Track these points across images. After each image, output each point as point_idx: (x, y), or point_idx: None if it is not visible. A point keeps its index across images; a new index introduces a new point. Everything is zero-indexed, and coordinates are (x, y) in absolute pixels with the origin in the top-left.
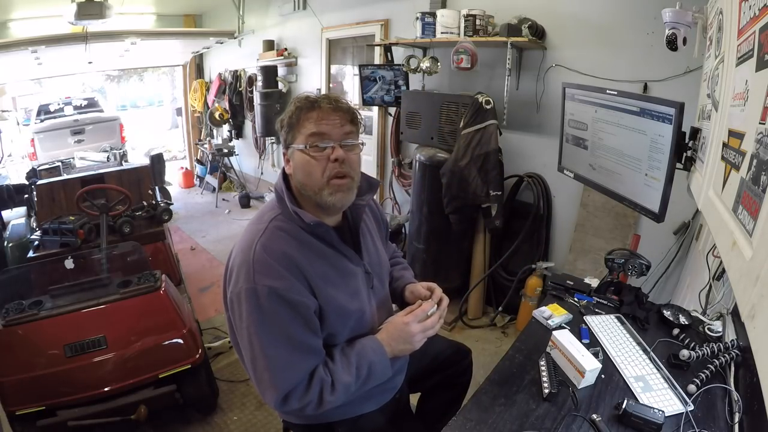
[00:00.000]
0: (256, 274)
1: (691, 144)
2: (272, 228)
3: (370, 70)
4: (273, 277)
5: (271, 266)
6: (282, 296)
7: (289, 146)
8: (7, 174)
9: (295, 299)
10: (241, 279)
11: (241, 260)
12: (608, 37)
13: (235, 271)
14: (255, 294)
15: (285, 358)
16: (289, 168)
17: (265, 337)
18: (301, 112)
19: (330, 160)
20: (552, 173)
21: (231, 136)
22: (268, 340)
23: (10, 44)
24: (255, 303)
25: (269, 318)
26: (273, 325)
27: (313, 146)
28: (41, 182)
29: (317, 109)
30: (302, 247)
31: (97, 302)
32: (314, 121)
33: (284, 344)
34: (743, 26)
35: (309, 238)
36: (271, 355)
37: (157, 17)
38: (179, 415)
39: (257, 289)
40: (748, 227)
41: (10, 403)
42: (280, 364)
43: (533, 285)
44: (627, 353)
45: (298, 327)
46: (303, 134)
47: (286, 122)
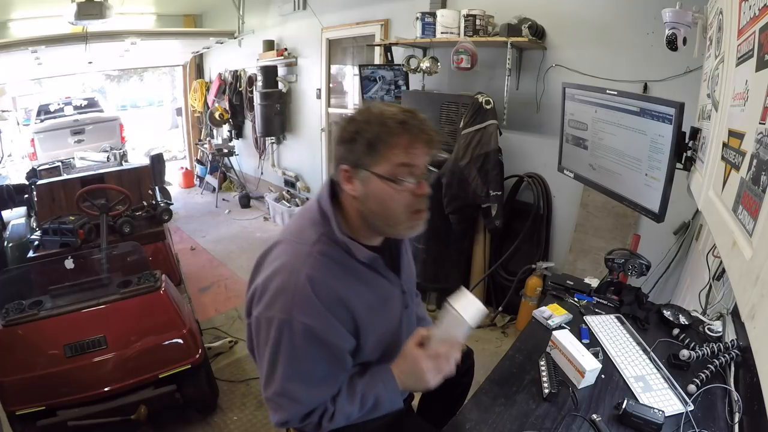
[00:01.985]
0: (295, 308)
1: (691, 144)
2: (317, 255)
3: (370, 70)
4: (313, 316)
5: (312, 304)
6: (318, 336)
7: (361, 167)
8: (7, 174)
9: (331, 341)
10: (277, 306)
11: (281, 285)
12: (608, 37)
13: (271, 293)
14: (290, 328)
15: (300, 393)
16: (354, 190)
17: (287, 370)
18: (389, 134)
19: (415, 195)
20: (552, 173)
21: (231, 136)
22: (290, 374)
23: (10, 44)
24: (287, 336)
25: (299, 354)
26: (300, 362)
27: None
28: (41, 182)
29: (407, 133)
30: (347, 276)
31: (97, 302)
32: (404, 149)
33: (305, 381)
34: (743, 26)
35: (355, 265)
36: (288, 387)
37: (157, 17)
38: (179, 415)
39: (293, 325)
40: (748, 227)
41: (10, 403)
42: (294, 396)
43: (533, 285)
44: (627, 353)
45: (325, 366)
46: (390, 162)
47: (361, 141)
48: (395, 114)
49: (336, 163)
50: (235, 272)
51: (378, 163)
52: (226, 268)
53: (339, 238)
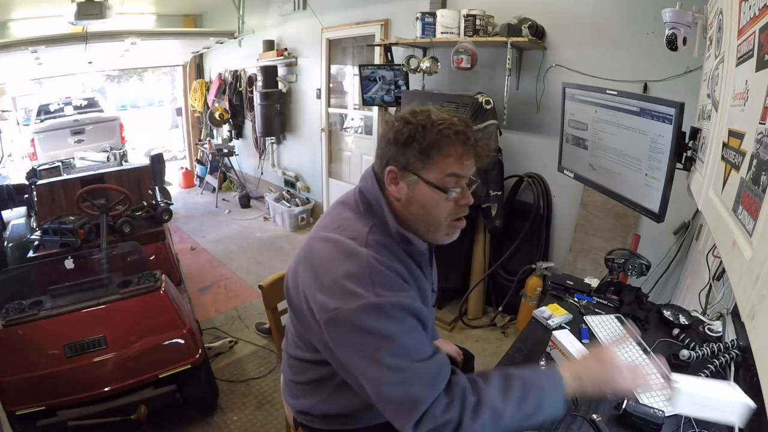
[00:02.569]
0: (376, 286)
1: (691, 144)
2: (373, 243)
3: (370, 70)
4: (394, 288)
5: (390, 278)
6: (407, 306)
7: (410, 171)
8: (7, 174)
9: (418, 306)
10: (356, 293)
11: (349, 271)
12: (608, 37)
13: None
14: (381, 308)
15: (419, 370)
16: (398, 192)
17: (395, 350)
18: (445, 144)
19: (458, 204)
20: (552, 173)
21: (231, 136)
22: (399, 353)
23: (10, 44)
24: (381, 316)
25: (399, 330)
26: (403, 337)
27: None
28: (41, 182)
29: (462, 144)
30: (403, 267)
31: (97, 302)
32: (457, 159)
33: (416, 355)
34: (743, 26)
35: (406, 258)
36: (404, 366)
37: (157, 17)
38: (179, 415)
39: (382, 303)
40: (748, 227)
41: (10, 403)
42: (416, 376)
43: (533, 285)
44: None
45: (424, 335)
46: (441, 170)
47: (417, 145)
48: (453, 123)
49: (383, 163)
50: (235, 272)
51: (429, 170)
52: (226, 268)
53: (393, 229)
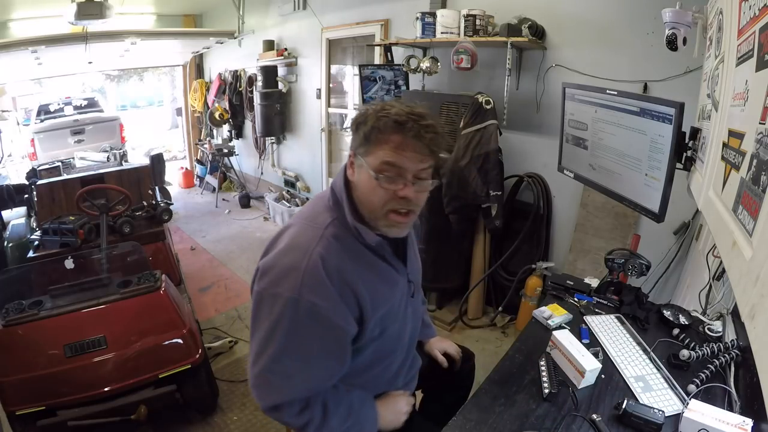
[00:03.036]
0: (304, 286)
1: (691, 144)
2: (329, 236)
3: (370, 70)
4: (322, 295)
5: (322, 283)
6: (324, 316)
7: (358, 155)
8: (7, 174)
9: (335, 322)
10: (285, 283)
11: (291, 263)
12: (608, 37)
13: (278, 270)
14: (296, 305)
15: (294, 371)
16: (353, 174)
17: (285, 345)
18: (382, 131)
19: (395, 196)
20: (552, 173)
21: (231, 136)
22: (286, 349)
23: (10, 44)
24: (293, 313)
25: (299, 330)
26: (298, 338)
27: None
28: (41, 182)
29: (400, 133)
30: (356, 260)
31: (97, 302)
32: (392, 148)
33: (300, 360)
34: (743, 26)
35: (364, 250)
36: (285, 364)
37: (157, 17)
38: (179, 415)
39: (300, 303)
40: (748, 227)
41: (10, 403)
42: (288, 374)
43: (533, 285)
44: (627, 353)
45: (324, 349)
46: (377, 157)
47: (362, 130)
48: (398, 113)
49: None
50: (235, 272)
51: (368, 155)
52: (226, 268)
53: (350, 222)
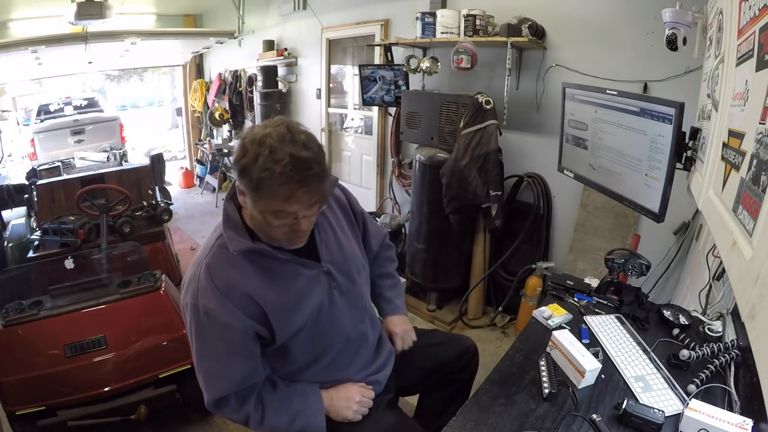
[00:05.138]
0: (199, 293)
1: (691, 144)
2: (217, 246)
3: (370, 70)
4: (209, 298)
5: (209, 287)
6: (215, 317)
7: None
8: (7, 174)
9: (225, 321)
10: (189, 292)
11: (191, 275)
12: (608, 37)
13: (187, 282)
14: (196, 310)
15: (214, 370)
16: (245, 203)
17: (200, 348)
18: (269, 186)
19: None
20: (552, 173)
21: (231, 136)
22: (202, 351)
23: (10, 44)
24: (195, 318)
25: (204, 333)
26: (205, 340)
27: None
28: (41, 182)
29: (287, 185)
30: (242, 262)
31: (97, 302)
32: (282, 201)
33: (214, 358)
34: (743, 26)
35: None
36: (205, 364)
37: (157, 17)
38: (179, 415)
39: (198, 306)
40: (748, 227)
41: (10, 403)
42: (211, 373)
43: (533, 285)
44: (627, 353)
45: (229, 348)
46: (266, 206)
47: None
48: (283, 165)
49: None
50: None
51: (257, 202)
52: None
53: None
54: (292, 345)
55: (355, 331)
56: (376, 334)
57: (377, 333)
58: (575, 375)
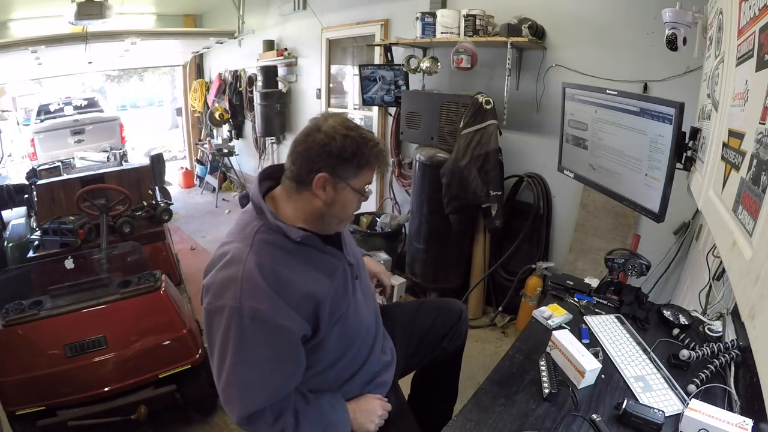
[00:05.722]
0: (243, 293)
1: (691, 144)
2: (258, 242)
3: (370, 70)
4: (260, 298)
5: (259, 286)
6: (265, 320)
7: (342, 179)
8: (7, 174)
9: (279, 323)
10: (226, 295)
11: (229, 275)
12: (608, 37)
13: (218, 284)
14: (239, 313)
15: (253, 379)
16: (325, 195)
17: (238, 356)
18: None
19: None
20: (552, 173)
21: (231, 136)
22: (241, 359)
23: (10, 44)
24: (237, 322)
25: (249, 339)
26: (249, 346)
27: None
28: (41, 182)
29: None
30: (289, 258)
31: (97, 302)
32: (372, 172)
33: (256, 366)
34: (743, 26)
35: (294, 247)
36: (242, 373)
37: (157, 17)
38: (179, 415)
39: (242, 309)
40: (748, 227)
41: (10, 403)
42: (248, 383)
43: (533, 285)
44: (627, 353)
45: (275, 353)
46: (363, 179)
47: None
48: (375, 142)
49: (312, 168)
50: None
51: (357, 180)
52: None
53: (273, 224)
54: (326, 340)
55: (371, 322)
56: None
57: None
58: (575, 375)
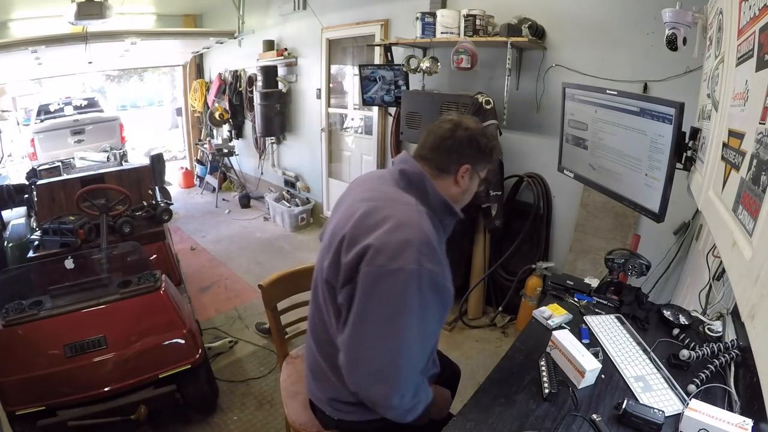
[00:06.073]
0: (422, 256)
1: (691, 144)
2: (422, 212)
3: (370, 70)
4: (435, 262)
5: (435, 250)
6: (438, 282)
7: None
8: (7, 174)
9: (447, 286)
10: (403, 257)
11: (405, 238)
12: (608, 37)
13: (394, 245)
14: (419, 277)
15: (416, 350)
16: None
17: (410, 320)
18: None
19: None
20: (552, 173)
21: (231, 136)
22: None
23: (10, 44)
24: (417, 285)
25: (424, 303)
26: (425, 311)
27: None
28: (41, 182)
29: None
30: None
31: (97, 302)
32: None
33: (422, 334)
34: (743, 26)
35: (440, 228)
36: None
37: (157, 17)
38: (179, 415)
39: (421, 273)
40: (748, 227)
41: (10, 403)
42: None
43: (533, 285)
44: (627, 353)
45: (439, 317)
46: (487, 168)
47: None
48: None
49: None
50: (235, 272)
51: (484, 167)
52: (226, 268)
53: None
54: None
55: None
56: None
57: None
58: (575, 375)
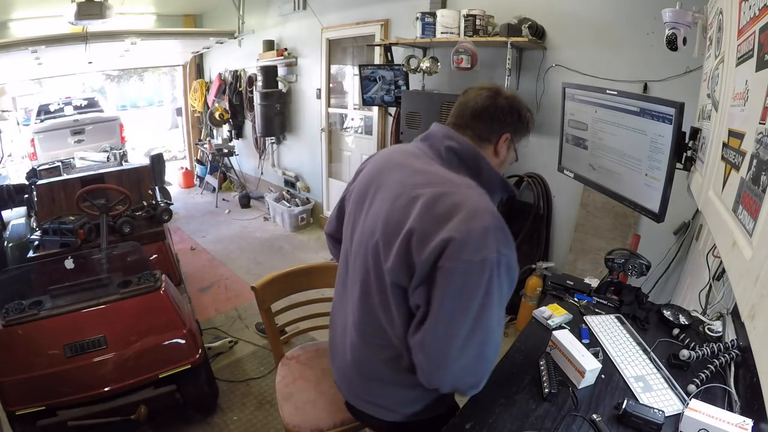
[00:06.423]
0: (500, 243)
1: (691, 144)
2: (483, 193)
3: (370, 70)
4: (509, 246)
5: (507, 234)
6: (512, 267)
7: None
8: (7, 174)
9: (517, 270)
10: (487, 245)
11: (482, 226)
12: (608, 37)
13: (476, 235)
14: (498, 264)
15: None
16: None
17: (494, 309)
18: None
19: None
20: (552, 173)
21: (231, 136)
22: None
23: (10, 44)
24: (497, 273)
25: (502, 290)
26: (504, 297)
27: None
28: (41, 182)
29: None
30: None
31: (97, 302)
32: None
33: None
34: (743, 26)
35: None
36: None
37: (157, 17)
38: (179, 415)
39: (500, 260)
40: (748, 227)
41: (10, 403)
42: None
43: (533, 285)
44: (627, 353)
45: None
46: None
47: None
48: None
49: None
50: (235, 272)
51: (521, 137)
52: (226, 268)
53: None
54: None
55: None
56: None
57: None
58: (575, 375)
